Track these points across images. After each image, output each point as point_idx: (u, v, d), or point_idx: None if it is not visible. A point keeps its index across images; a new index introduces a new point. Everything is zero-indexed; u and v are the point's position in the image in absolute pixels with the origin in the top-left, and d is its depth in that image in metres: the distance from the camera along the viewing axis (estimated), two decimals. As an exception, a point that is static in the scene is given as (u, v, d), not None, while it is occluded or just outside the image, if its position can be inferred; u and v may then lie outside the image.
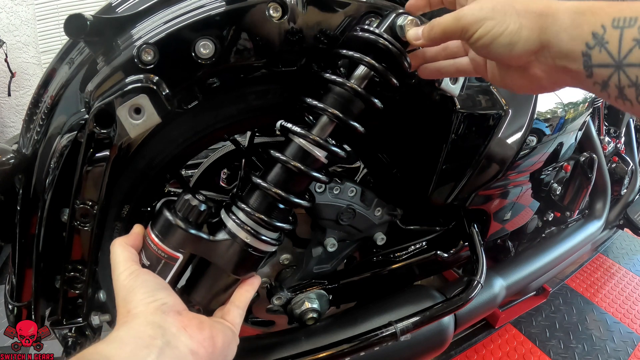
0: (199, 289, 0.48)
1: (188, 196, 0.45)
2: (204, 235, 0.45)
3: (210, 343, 0.40)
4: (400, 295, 0.76)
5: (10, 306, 0.61)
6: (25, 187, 0.54)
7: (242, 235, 0.45)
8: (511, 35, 0.36)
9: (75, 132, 0.47)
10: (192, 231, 0.44)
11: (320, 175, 0.48)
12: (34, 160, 0.52)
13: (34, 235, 0.52)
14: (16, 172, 0.55)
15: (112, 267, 0.43)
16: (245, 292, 0.49)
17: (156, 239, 0.44)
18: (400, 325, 0.65)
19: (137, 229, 0.47)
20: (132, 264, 0.43)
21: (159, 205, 0.62)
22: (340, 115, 0.46)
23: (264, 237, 0.46)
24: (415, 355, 0.76)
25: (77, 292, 0.55)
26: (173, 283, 0.46)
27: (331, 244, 0.70)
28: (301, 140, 0.46)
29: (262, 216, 0.46)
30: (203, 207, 0.45)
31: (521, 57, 0.36)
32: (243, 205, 0.46)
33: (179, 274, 0.46)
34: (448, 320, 0.78)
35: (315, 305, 0.71)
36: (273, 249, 0.49)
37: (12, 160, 0.55)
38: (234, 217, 0.46)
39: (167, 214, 0.44)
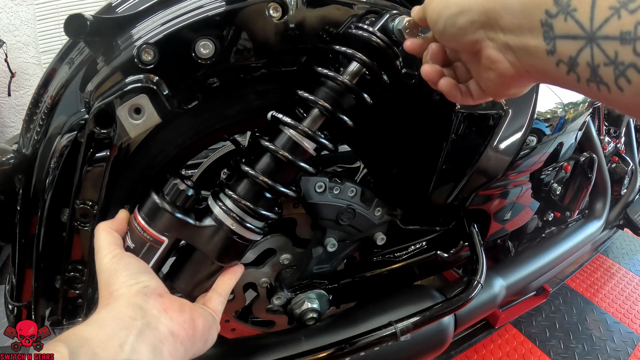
0: (182, 275, 0.48)
1: (177, 180, 0.46)
2: (190, 220, 0.45)
3: (191, 325, 0.40)
4: (400, 295, 0.76)
5: (10, 306, 0.61)
6: (25, 187, 0.54)
7: (228, 222, 0.46)
8: (451, 5, 0.33)
9: (75, 132, 0.47)
10: (179, 215, 0.45)
11: (307, 167, 0.49)
12: (34, 160, 0.52)
13: (34, 235, 0.52)
14: (16, 172, 0.55)
15: (96, 251, 0.43)
16: (228, 280, 0.49)
17: (142, 222, 0.45)
18: (400, 325, 0.65)
19: (122, 214, 0.47)
20: (116, 247, 0.43)
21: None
22: (331, 108, 0.47)
23: (249, 225, 0.47)
24: (415, 355, 0.76)
25: (77, 292, 0.55)
26: (156, 268, 0.46)
27: (331, 244, 0.70)
28: (291, 131, 0.47)
29: (249, 204, 0.46)
30: (191, 192, 0.46)
31: (466, 30, 0.33)
32: (230, 193, 0.47)
33: (162, 258, 0.46)
34: (448, 320, 0.78)
35: (315, 305, 0.71)
36: (258, 237, 0.50)
37: (12, 160, 0.55)
38: (220, 203, 0.47)
39: (155, 197, 0.45)
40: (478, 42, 0.33)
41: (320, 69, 0.48)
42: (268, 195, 0.49)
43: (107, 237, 0.44)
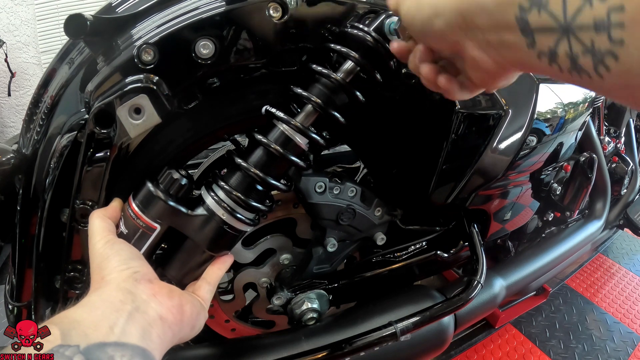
0: (173, 263, 0.49)
1: (171, 170, 0.47)
2: (183, 209, 0.46)
3: (179, 310, 0.41)
4: (400, 295, 0.76)
5: (10, 306, 0.61)
6: (25, 187, 0.54)
7: (219, 212, 0.47)
8: (424, 7, 0.33)
9: (75, 132, 0.47)
10: (172, 203, 0.46)
11: (299, 161, 0.49)
12: (34, 160, 0.52)
13: (34, 235, 0.52)
14: (16, 172, 0.55)
15: (89, 236, 0.44)
16: (218, 269, 0.50)
17: (136, 209, 0.46)
18: (400, 325, 0.65)
19: (116, 202, 0.48)
20: (109, 233, 0.44)
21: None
22: (323, 104, 0.48)
23: (239, 216, 0.48)
24: (415, 355, 0.76)
25: (77, 292, 0.55)
26: (148, 255, 0.47)
27: (331, 244, 0.70)
28: (284, 125, 0.48)
29: (240, 195, 0.47)
30: (184, 181, 0.47)
31: (444, 32, 0.33)
32: (222, 184, 0.48)
33: (154, 245, 0.47)
34: (448, 320, 0.78)
35: (315, 305, 0.71)
36: (248, 228, 0.51)
37: (12, 160, 0.55)
38: (212, 194, 0.48)
39: (149, 185, 0.46)
40: (458, 42, 0.33)
41: (314, 66, 0.49)
42: (259, 187, 0.50)
43: (100, 223, 0.45)
